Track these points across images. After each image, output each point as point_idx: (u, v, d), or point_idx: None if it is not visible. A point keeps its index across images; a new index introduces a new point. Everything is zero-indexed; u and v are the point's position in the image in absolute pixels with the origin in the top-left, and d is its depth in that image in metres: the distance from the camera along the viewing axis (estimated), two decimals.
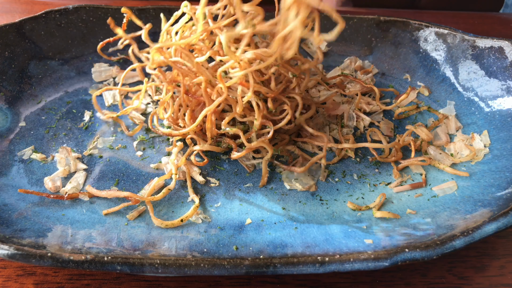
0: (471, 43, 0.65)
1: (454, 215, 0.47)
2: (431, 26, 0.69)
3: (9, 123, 0.58)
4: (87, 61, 0.70)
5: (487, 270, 0.46)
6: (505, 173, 0.52)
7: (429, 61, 0.69)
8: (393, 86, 0.70)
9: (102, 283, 0.44)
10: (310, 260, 0.39)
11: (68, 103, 0.64)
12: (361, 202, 0.52)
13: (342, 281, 0.45)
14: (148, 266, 0.38)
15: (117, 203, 0.49)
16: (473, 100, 0.63)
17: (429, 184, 0.54)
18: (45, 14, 0.68)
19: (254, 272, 0.39)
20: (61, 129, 0.60)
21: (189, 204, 0.50)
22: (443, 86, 0.67)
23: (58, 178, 0.52)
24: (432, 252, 0.39)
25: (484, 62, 0.63)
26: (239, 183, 0.54)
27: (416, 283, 0.45)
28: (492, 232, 0.41)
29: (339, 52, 0.75)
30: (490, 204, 0.47)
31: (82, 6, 0.70)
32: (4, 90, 0.61)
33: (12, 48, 0.64)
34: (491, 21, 0.95)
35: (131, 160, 0.56)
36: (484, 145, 0.57)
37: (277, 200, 0.52)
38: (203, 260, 0.39)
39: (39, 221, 0.46)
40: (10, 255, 0.38)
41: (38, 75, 0.66)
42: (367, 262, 0.39)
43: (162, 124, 0.61)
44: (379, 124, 0.63)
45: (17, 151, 0.55)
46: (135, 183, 0.53)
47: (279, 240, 0.45)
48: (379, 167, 0.57)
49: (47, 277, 0.44)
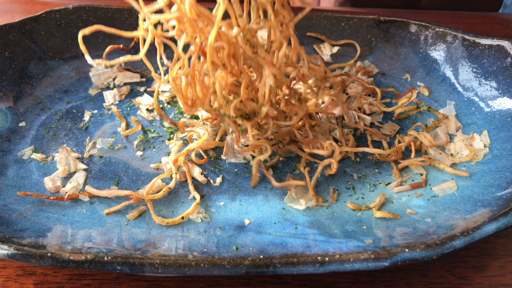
0: (471, 43, 0.65)
1: (454, 215, 0.47)
2: (431, 26, 0.69)
3: (9, 123, 0.58)
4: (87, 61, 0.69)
5: (487, 270, 0.46)
6: (505, 173, 0.52)
7: (429, 61, 0.69)
8: (393, 86, 0.70)
9: (102, 283, 0.44)
10: (310, 260, 0.39)
11: (68, 103, 0.64)
12: (361, 202, 0.52)
13: (342, 281, 0.45)
14: (148, 266, 0.38)
15: (118, 203, 0.49)
16: (473, 100, 0.63)
17: (429, 184, 0.54)
18: (45, 14, 0.68)
19: (254, 272, 0.39)
20: (61, 129, 0.60)
21: (189, 204, 0.50)
22: (443, 86, 0.67)
23: (58, 178, 0.52)
24: (432, 252, 0.39)
25: (484, 62, 0.63)
26: (239, 183, 0.54)
27: (416, 283, 0.45)
28: (492, 232, 0.41)
29: (339, 52, 0.75)
30: (490, 204, 0.47)
31: (82, 6, 0.70)
32: (4, 90, 0.61)
33: (12, 48, 0.64)
34: (491, 21, 0.95)
35: (131, 160, 0.56)
36: (484, 145, 0.57)
37: (277, 200, 0.52)
38: (203, 260, 0.39)
39: (39, 221, 0.46)
40: (10, 255, 0.38)
41: (38, 75, 0.66)
42: (367, 262, 0.39)
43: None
44: (382, 126, 0.63)
45: (17, 151, 0.55)
46: (135, 183, 0.53)
47: (279, 240, 0.45)
48: (379, 167, 0.57)
49: (47, 277, 0.44)
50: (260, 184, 0.54)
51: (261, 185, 0.53)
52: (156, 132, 0.61)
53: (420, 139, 0.58)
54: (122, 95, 0.66)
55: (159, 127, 0.62)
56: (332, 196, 0.52)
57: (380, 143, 0.60)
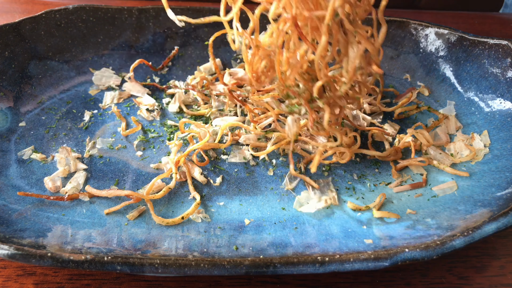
0: (471, 43, 0.65)
1: (454, 215, 0.47)
2: (431, 26, 0.69)
3: (9, 123, 0.58)
4: (87, 61, 0.70)
5: (487, 270, 0.46)
6: (505, 173, 0.52)
7: (429, 61, 0.69)
8: (393, 86, 0.70)
9: (102, 283, 0.44)
10: (310, 260, 0.39)
11: (68, 103, 0.64)
12: (361, 202, 0.52)
13: (342, 281, 0.45)
14: (148, 266, 0.38)
15: (118, 203, 0.49)
16: (473, 100, 0.63)
17: (429, 184, 0.54)
18: (45, 14, 0.68)
19: (254, 272, 0.39)
20: (61, 129, 0.60)
21: (189, 204, 0.50)
22: (443, 86, 0.67)
23: (58, 178, 0.52)
24: (432, 252, 0.39)
25: (484, 62, 0.63)
26: (239, 183, 0.54)
27: (416, 283, 0.45)
28: (492, 232, 0.41)
29: None
30: (490, 204, 0.47)
31: (82, 6, 0.70)
32: (4, 90, 0.61)
33: (12, 48, 0.64)
34: (491, 21, 0.95)
35: (131, 160, 0.56)
36: (484, 145, 0.57)
37: (277, 200, 0.52)
38: (203, 260, 0.39)
39: (39, 221, 0.46)
40: (10, 255, 0.38)
41: (38, 75, 0.66)
42: (367, 262, 0.39)
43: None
44: (382, 126, 0.63)
45: (17, 151, 0.55)
46: (135, 183, 0.53)
47: (279, 240, 0.45)
48: (379, 167, 0.57)
49: (47, 277, 0.44)
50: (260, 184, 0.54)
51: (261, 185, 0.54)
52: (156, 132, 0.61)
53: (418, 138, 0.58)
54: (120, 98, 0.66)
55: (159, 127, 0.62)
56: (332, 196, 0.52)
57: (381, 143, 0.60)
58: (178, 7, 0.70)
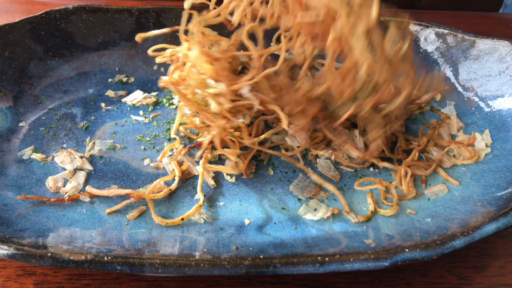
0: (471, 43, 0.65)
1: (454, 215, 0.47)
2: (431, 26, 0.69)
3: (9, 123, 0.58)
4: (87, 61, 0.70)
5: (487, 270, 0.46)
6: (505, 173, 0.52)
7: (429, 61, 0.69)
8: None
9: (102, 283, 0.44)
10: (310, 260, 0.39)
11: (68, 103, 0.64)
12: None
13: (342, 281, 0.45)
14: (148, 266, 0.38)
15: (118, 203, 0.49)
16: (473, 100, 0.63)
17: (429, 184, 0.54)
18: (45, 14, 0.68)
19: (254, 272, 0.39)
20: (61, 129, 0.60)
21: (189, 204, 0.50)
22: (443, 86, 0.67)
23: (61, 179, 0.52)
24: (432, 252, 0.39)
25: (484, 62, 0.63)
26: (239, 183, 0.54)
27: (416, 283, 0.45)
28: (492, 232, 0.41)
29: None
30: (490, 204, 0.47)
31: (82, 6, 0.70)
32: (4, 90, 0.61)
33: (12, 48, 0.64)
34: (491, 21, 0.95)
35: (131, 160, 0.56)
36: (486, 144, 0.57)
37: (277, 200, 0.52)
38: (203, 260, 0.39)
39: (39, 221, 0.46)
40: (10, 255, 0.38)
41: (38, 75, 0.66)
42: (367, 262, 0.39)
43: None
44: None
45: (17, 151, 0.55)
46: (135, 183, 0.53)
47: (279, 240, 0.45)
48: (379, 167, 0.57)
49: (47, 277, 0.44)
50: (260, 184, 0.54)
51: (261, 185, 0.53)
52: (156, 132, 0.61)
53: (461, 153, 0.56)
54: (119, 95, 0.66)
55: (159, 127, 0.61)
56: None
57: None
58: (178, 7, 0.70)
